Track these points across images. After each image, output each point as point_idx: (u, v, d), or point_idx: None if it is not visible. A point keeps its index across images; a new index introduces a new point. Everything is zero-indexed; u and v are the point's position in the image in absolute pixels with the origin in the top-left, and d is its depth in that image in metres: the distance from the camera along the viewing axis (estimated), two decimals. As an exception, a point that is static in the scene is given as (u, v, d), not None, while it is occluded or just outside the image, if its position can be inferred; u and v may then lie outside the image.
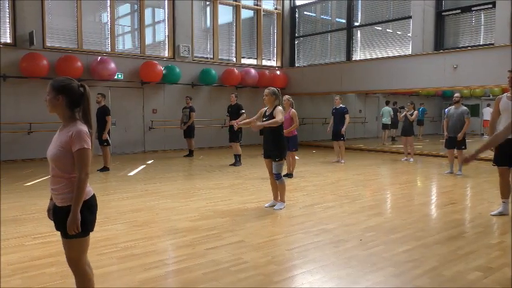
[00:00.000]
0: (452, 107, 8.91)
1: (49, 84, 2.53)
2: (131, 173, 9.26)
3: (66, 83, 2.53)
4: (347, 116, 10.69)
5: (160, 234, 4.72)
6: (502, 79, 10.54)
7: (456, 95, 8.90)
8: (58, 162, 2.47)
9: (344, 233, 4.78)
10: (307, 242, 4.46)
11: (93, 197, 2.62)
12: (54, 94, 2.50)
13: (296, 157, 9.22)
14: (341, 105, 10.86)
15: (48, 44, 11.64)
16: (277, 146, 5.77)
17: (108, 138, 9.10)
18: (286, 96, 8.16)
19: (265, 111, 5.90)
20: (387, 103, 17.22)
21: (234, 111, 10.00)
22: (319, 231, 4.83)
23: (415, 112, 11.23)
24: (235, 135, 10.19)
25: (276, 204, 5.96)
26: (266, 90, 5.84)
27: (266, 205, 6.00)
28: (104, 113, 8.95)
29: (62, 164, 2.47)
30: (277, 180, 5.89)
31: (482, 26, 12.04)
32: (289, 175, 8.63)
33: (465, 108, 8.91)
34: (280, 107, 5.74)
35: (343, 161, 10.95)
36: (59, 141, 2.49)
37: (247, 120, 6.14)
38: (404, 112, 11.33)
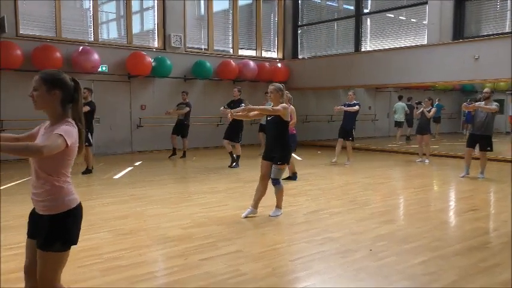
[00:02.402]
0: (482, 102, 8.85)
1: (38, 78, 2.49)
2: (117, 176, 9.25)
3: (61, 76, 2.52)
4: (357, 106, 10.68)
5: (149, 244, 4.72)
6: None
7: (486, 90, 8.87)
8: (42, 163, 2.44)
9: (352, 242, 4.78)
10: (311, 252, 4.46)
11: (79, 206, 2.58)
12: (47, 88, 2.47)
13: (296, 156, 9.21)
14: (354, 101, 10.87)
15: (22, 31, 11.56)
16: (281, 147, 5.73)
17: (90, 138, 9.09)
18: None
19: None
20: (400, 98, 17.21)
21: (236, 108, 9.91)
22: (325, 240, 4.83)
23: (433, 109, 11.22)
24: (235, 134, 10.16)
25: (254, 212, 5.82)
26: (271, 87, 5.78)
27: (243, 215, 5.79)
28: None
29: (47, 164, 2.44)
30: (274, 186, 5.83)
31: (508, 12, 11.99)
32: (293, 177, 8.65)
33: (496, 103, 8.85)
34: (284, 104, 5.70)
35: (348, 163, 10.95)
36: (46, 137, 2.45)
37: (242, 109, 5.96)
38: (422, 108, 11.33)
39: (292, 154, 8.97)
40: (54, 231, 2.47)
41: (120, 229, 5.22)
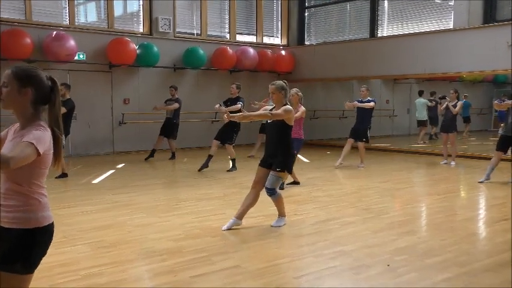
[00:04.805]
0: None
1: (10, 73, 2.50)
2: (96, 180, 9.28)
3: (36, 73, 2.54)
4: (372, 103, 10.65)
5: (133, 258, 4.73)
6: None
7: None
8: (12, 172, 2.43)
9: (367, 256, 4.79)
10: (319, 267, 4.48)
11: (51, 226, 2.57)
12: (18, 85, 2.48)
13: (302, 158, 9.23)
14: (368, 97, 10.80)
15: (-14, 14, 11.61)
16: (281, 153, 5.69)
17: (63, 140, 9.06)
18: (294, 90, 8.11)
19: (271, 110, 5.74)
20: (421, 94, 17.12)
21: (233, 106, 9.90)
22: (335, 254, 4.84)
23: (460, 103, 11.20)
24: (229, 135, 10.13)
25: (238, 223, 5.78)
26: (271, 86, 5.67)
27: (224, 227, 5.72)
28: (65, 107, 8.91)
29: (17, 174, 2.44)
30: (271, 197, 5.81)
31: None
32: (297, 183, 8.68)
33: None
34: (289, 106, 5.64)
35: (362, 165, 10.94)
36: (14, 144, 2.45)
37: (237, 116, 5.85)
38: (446, 103, 11.32)
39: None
40: (18, 249, 2.46)
41: (100, 241, 5.22)
